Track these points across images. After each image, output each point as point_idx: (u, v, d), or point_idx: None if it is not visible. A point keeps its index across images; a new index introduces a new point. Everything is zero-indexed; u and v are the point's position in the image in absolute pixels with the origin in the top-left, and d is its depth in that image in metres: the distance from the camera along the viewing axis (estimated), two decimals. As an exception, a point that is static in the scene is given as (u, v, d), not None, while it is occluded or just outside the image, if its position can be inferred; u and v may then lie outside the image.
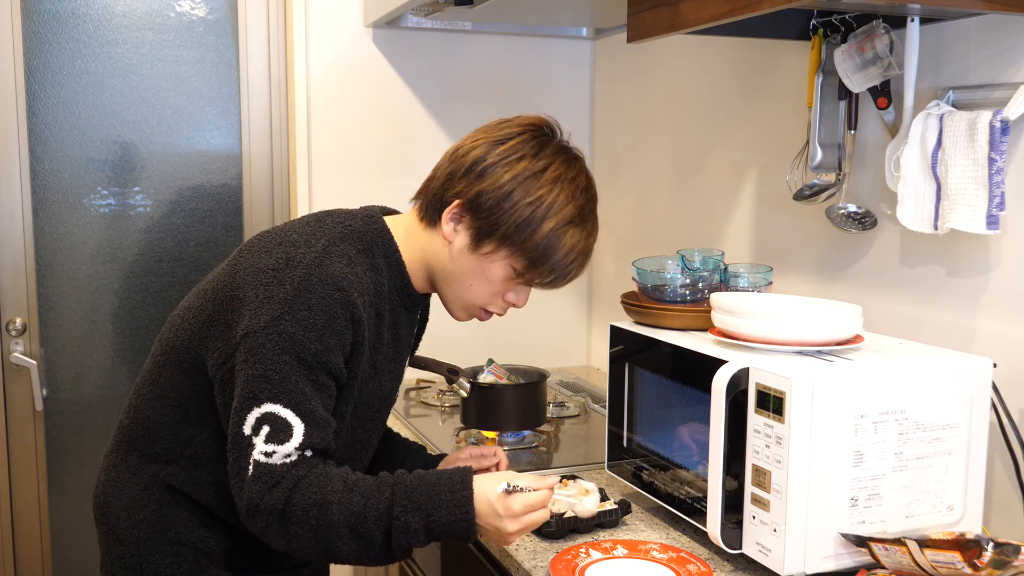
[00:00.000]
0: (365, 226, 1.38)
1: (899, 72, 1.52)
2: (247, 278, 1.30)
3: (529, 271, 1.36)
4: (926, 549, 1.16)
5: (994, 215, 1.39)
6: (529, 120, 1.39)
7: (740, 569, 1.38)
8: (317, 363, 1.26)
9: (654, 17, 1.52)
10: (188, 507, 1.39)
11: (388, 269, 1.38)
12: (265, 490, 1.22)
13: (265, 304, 1.26)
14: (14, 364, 2.49)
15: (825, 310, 1.43)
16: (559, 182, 1.33)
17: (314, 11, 2.49)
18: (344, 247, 1.33)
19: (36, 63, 2.44)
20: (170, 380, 1.39)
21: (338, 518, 1.22)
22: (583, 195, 1.36)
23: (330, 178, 2.56)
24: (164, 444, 1.39)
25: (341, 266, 1.30)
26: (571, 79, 2.74)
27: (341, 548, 1.24)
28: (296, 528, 1.22)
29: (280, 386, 1.23)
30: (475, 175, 1.33)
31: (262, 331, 1.24)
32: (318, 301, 1.26)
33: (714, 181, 2.19)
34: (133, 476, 1.41)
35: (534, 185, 1.32)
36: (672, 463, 1.53)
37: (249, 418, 1.23)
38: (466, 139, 1.39)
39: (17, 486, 2.54)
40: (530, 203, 1.31)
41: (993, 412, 1.40)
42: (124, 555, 1.40)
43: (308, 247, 1.30)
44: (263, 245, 1.34)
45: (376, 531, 1.23)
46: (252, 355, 1.25)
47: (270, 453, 1.22)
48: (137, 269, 2.59)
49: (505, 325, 2.72)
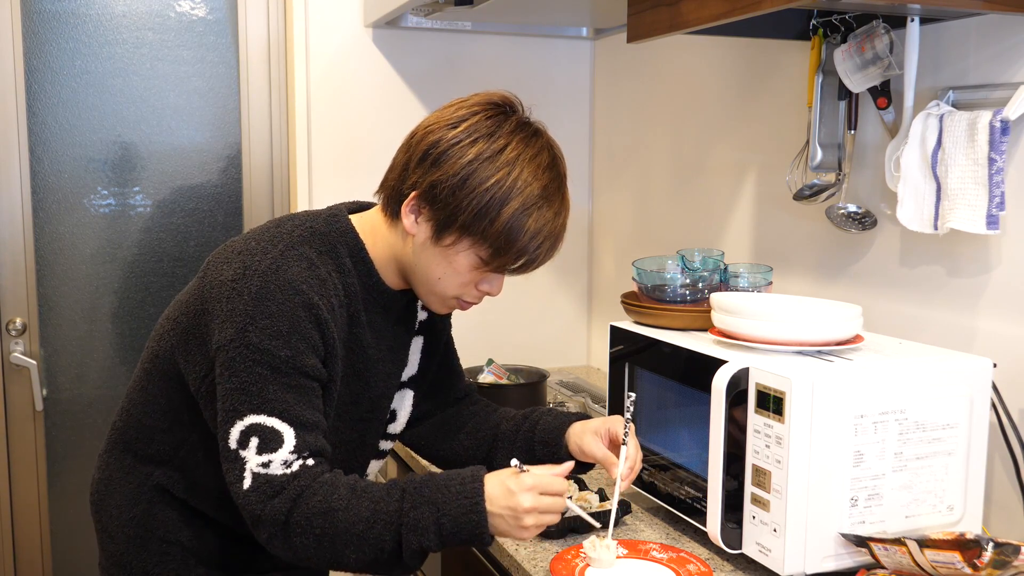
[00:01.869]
0: (327, 226, 1.35)
1: (899, 72, 1.52)
2: (211, 291, 1.29)
3: (495, 259, 1.29)
4: (926, 549, 1.16)
5: (994, 215, 1.39)
6: (485, 97, 1.31)
7: (740, 569, 1.38)
8: (291, 369, 1.24)
9: (654, 17, 1.52)
10: (177, 508, 1.40)
11: (355, 268, 1.34)
12: (265, 500, 1.20)
13: (228, 317, 1.24)
14: (14, 364, 2.49)
15: (825, 310, 1.43)
16: (518, 162, 1.25)
17: (314, 11, 2.49)
18: (303, 250, 1.30)
19: (36, 63, 2.44)
20: (158, 386, 1.39)
21: (344, 525, 1.20)
22: (547, 173, 1.28)
23: (330, 178, 2.56)
24: (157, 446, 1.40)
25: (299, 270, 1.27)
26: (571, 79, 2.74)
27: (348, 556, 1.21)
28: (301, 539, 1.20)
29: (259, 397, 1.22)
30: (429, 163, 1.27)
31: (230, 345, 1.23)
32: (278, 308, 1.23)
33: (714, 181, 2.19)
34: (126, 476, 1.42)
35: (490, 168, 1.24)
36: (672, 463, 1.53)
37: (233, 432, 1.22)
38: (421, 124, 1.33)
39: (17, 486, 2.54)
40: (487, 188, 1.24)
41: (993, 412, 1.40)
42: (115, 552, 1.42)
43: (264, 254, 1.28)
44: (225, 256, 1.32)
45: (386, 535, 1.20)
46: (226, 369, 1.24)
47: (266, 463, 1.21)
48: (137, 269, 2.59)
49: (505, 325, 2.73)
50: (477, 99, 1.32)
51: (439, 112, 1.32)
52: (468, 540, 1.22)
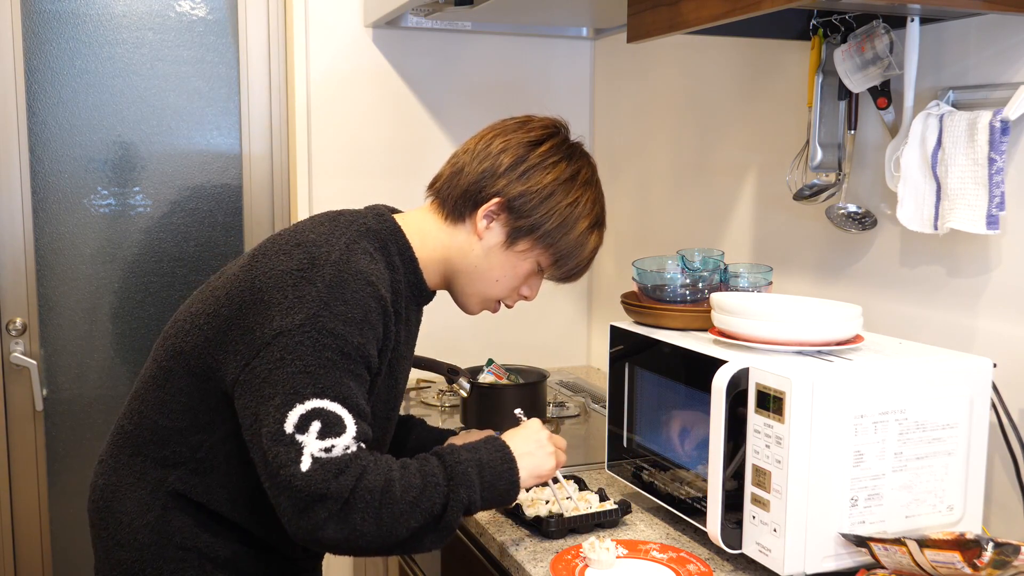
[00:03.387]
0: (378, 224, 1.40)
1: (899, 72, 1.52)
2: (269, 281, 1.29)
3: (553, 267, 1.44)
4: (926, 549, 1.16)
5: (994, 215, 1.39)
6: (552, 121, 1.45)
7: (740, 569, 1.38)
8: (359, 356, 1.26)
9: (654, 17, 1.52)
10: (193, 513, 1.37)
11: (403, 266, 1.40)
12: (330, 478, 1.19)
13: (297, 304, 1.25)
14: (14, 364, 2.49)
15: (825, 310, 1.43)
16: (589, 185, 1.43)
17: (314, 11, 2.49)
18: (364, 244, 1.34)
19: (36, 63, 2.44)
20: (178, 385, 1.36)
21: (400, 494, 1.23)
22: (602, 197, 1.47)
23: (330, 178, 2.56)
24: (173, 448, 1.37)
25: (367, 262, 1.31)
26: (571, 79, 2.74)
27: (402, 526, 1.23)
28: (362, 514, 1.21)
29: (325, 380, 1.23)
30: (517, 175, 1.38)
31: (298, 329, 1.23)
32: (352, 296, 1.26)
33: (714, 181, 2.19)
34: (138, 480, 1.39)
35: (572, 188, 1.40)
36: (672, 463, 1.53)
37: (291, 415, 1.21)
38: (491, 137, 1.42)
39: (17, 486, 2.54)
40: (569, 204, 1.39)
41: (993, 412, 1.40)
42: (124, 560, 1.38)
43: (331, 245, 1.31)
44: (280, 247, 1.34)
45: (436, 497, 1.25)
46: (289, 353, 1.23)
47: (329, 448, 1.21)
48: (137, 269, 2.59)
49: (505, 325, 2.72)
50: (545, 122, 1.45)
51: (507, 129, 1.43)
52: (505, 490, 1.32)
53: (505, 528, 1.54)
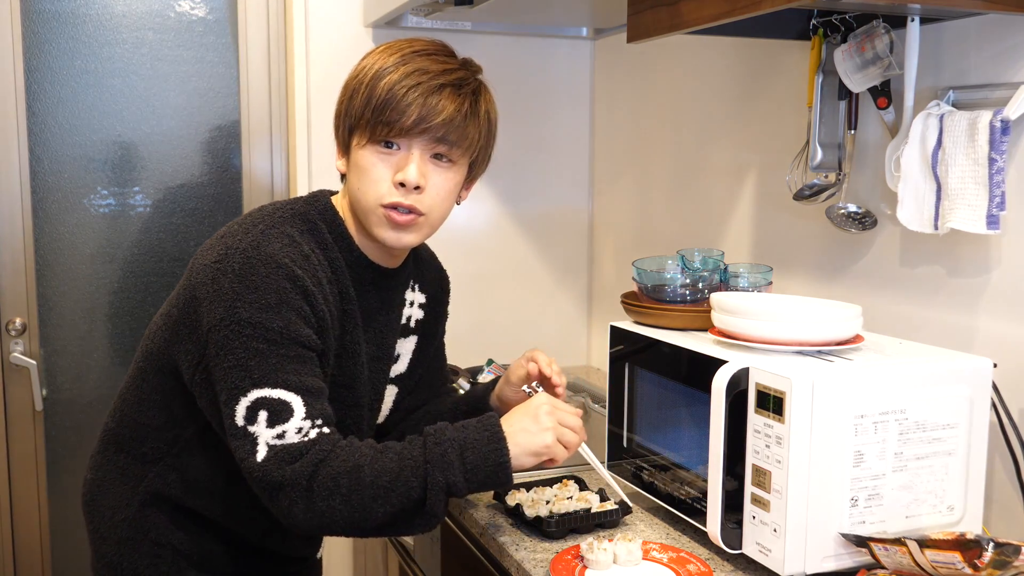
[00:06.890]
0: (307, 206, 1.40)
1: (899, 72, 1.52)
2: (196, 276, 1.31)
3: (373, 129, 1.32)
4: (926, 549, 1.16)
5: (994, 215, 1.39)
6: None
7: (740, 569, 1.38)
8: (286, 339, 1.25)
9: (654, 17, 1.52)
10: (169, 510, 1.41)
11: (336, 243, 1.38)
12: (284, 465, 1.20)
13: (216, 298, 1.26)
14: (14, 364, 2.49)
15: (825, 310, 1.43)
16: (378, 52, 1.36)
17: (314, 11, 2.49)
18: (284, 228, 1.33)
19: (36, 63, 2.44)
20: (152, 384, 1.40)
21: (371, 479, 1.21)
22: (401, 51, 1.35)
23: (330, 178, 2.55)
24: (152, 444, 1.41)
25: (280, 246, 1.30)
26: (571, 79, 2.74)
27: (376, 511, 1.22)
28: (327, 501, 1.20)
29: (260, 370, 1.23)
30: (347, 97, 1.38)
31: (221, 324, 1.25)
32: (263, 281, 1.26)
33: (714, 181, 2.19)
34: (120, 477, 1.43)
35: (352, 71, 1.38)
36: (672, 463, 1.53)
37: (239, 409, 1.22)
38: None
39: (17, 486, 2.54)
40: (353, 76, 1.36)
41: (993, 412, 1.40)
42: (107, 553, 1.43)
43: (244, 234, 1.31)
44: (208, 243, 1.36)
45: (413, 481, 1.23)
46: (221, 349, 1.24)
47: (280, 434, 1.21)
48: (137, 269, 2.59)
49: (505, 325, 2.73)
50: None
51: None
52: (492, 471, 1.26)
53: (505, 528, 1.54)
